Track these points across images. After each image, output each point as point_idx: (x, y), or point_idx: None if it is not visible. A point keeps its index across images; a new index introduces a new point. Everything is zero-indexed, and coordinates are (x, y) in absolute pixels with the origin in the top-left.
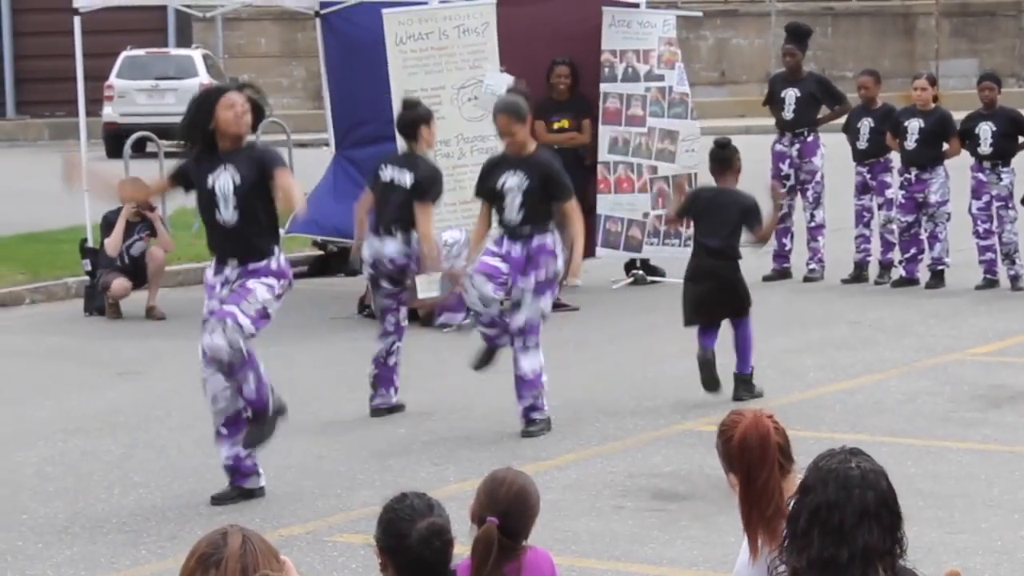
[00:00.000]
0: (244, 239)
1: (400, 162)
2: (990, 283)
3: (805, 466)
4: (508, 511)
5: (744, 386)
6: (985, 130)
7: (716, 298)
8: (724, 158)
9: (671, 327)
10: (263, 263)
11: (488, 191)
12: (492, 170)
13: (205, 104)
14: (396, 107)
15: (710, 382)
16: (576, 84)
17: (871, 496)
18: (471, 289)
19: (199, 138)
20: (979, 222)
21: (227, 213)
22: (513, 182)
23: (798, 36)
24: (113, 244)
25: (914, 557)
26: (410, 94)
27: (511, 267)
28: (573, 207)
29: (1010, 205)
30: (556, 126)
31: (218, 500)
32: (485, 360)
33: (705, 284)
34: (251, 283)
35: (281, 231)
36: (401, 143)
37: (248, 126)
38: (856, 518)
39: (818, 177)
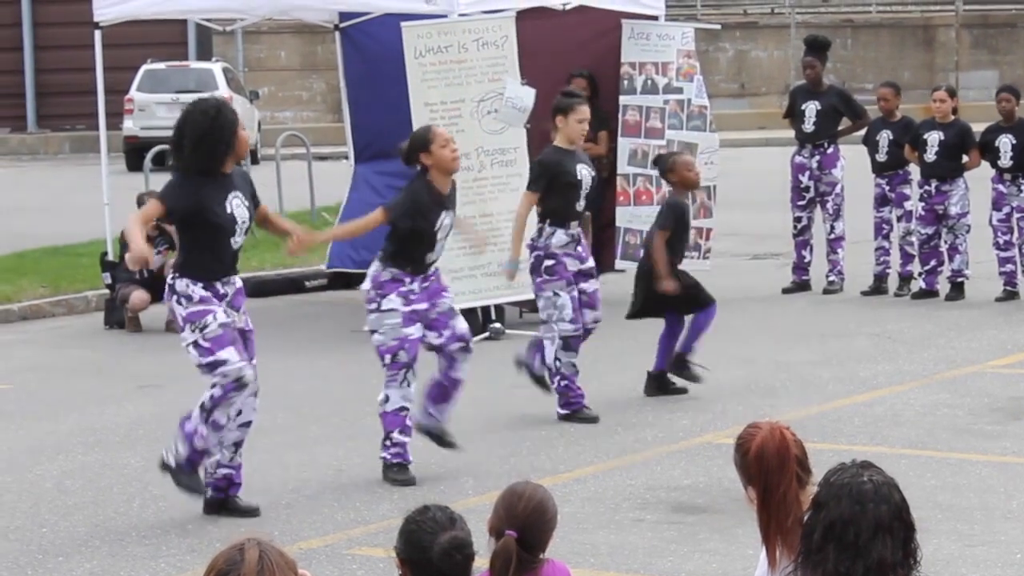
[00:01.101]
0: (237, 259)
1: None
2: (1010, 295)
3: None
4: (526, 525)
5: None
6: (1005, 142)
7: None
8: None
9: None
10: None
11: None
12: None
13: (228, 126)
14: (415, 120)
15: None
16: (595, 96)
17: (885, 510)
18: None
19: (211, 163)
20: (999, 234)
21: (239, 239)
22: None
23: (817, 48)
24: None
25: (933, 570)
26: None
27: None
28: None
29: None
30: None
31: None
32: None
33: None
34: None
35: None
36: None
37: None
38: (871, 532)
39: (838, 189)
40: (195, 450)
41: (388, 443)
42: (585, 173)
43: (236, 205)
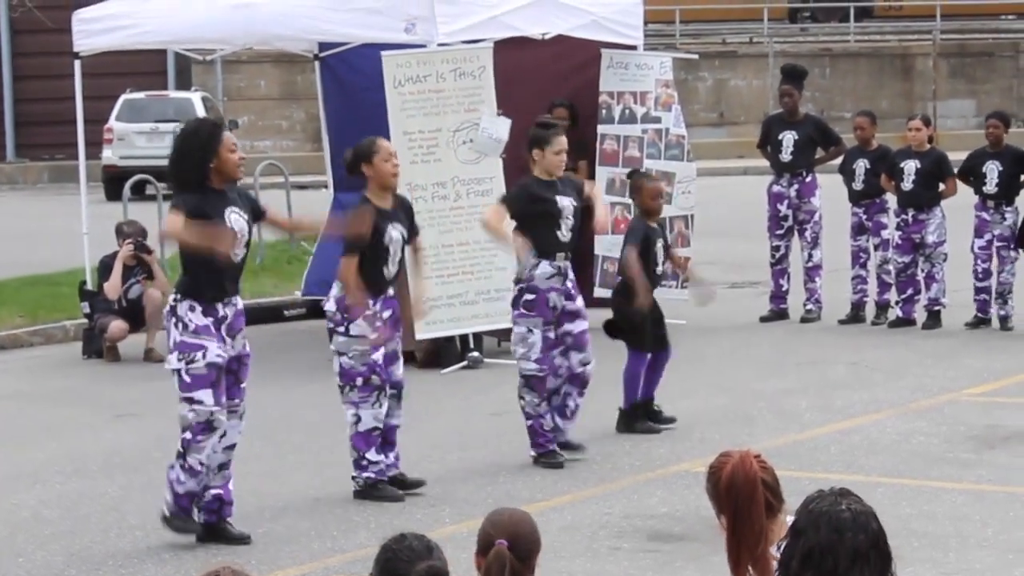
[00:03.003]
0: (239, 276)
1: None
2: (980, 321)
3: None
4: (514, 534)
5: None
6: (992, 168)
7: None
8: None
9: (668, 368)
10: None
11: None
12: None
13: (209, 141)
14: (396, 149)
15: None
16: (575, 125)
17: (862, 538)
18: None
19: (194, 175)
20: (979, 261)
21: (240, 251)
22: None
23: (795, 77)
24: (112, 287)
25: None
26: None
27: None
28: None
29: (1012, 246)
30: None
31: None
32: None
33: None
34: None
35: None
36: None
37: None
38: (849, 561)
39: (816, 217)
40: (178, 495)
41: (364, 463)
42: (567, 203)
43: (235, 219)
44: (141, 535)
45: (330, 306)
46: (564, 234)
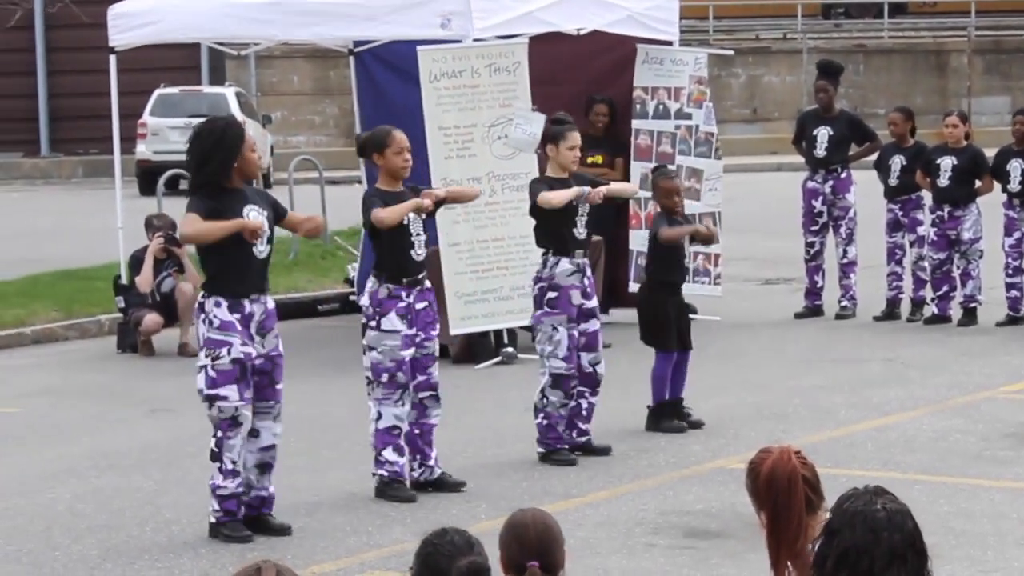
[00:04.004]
0: (266, 273)
1: None
2: (1012, 320)
3: None
4: (542, 550)
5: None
6: (1016, 167)
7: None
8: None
9: (702, 364)
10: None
11: None
12: None
13: (234, 141)
14: (430, 143)
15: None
16: (613, 123)
17: (898, 538)
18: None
19: (219, 175)
20: (1010, 259)
21: (263, 247)
22: None
23: (830, 73)
24: (144, 280)
25: None
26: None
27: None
28: None
29: None
30: (590, 160)
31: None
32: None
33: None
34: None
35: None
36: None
37: None
38: (885, 561)
39: (851, 213)
40: (223, 498)
41: (380, 459)
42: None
43: (254, 216)
44: (177, 529)
45: (364, 300)
46: (580, 231)
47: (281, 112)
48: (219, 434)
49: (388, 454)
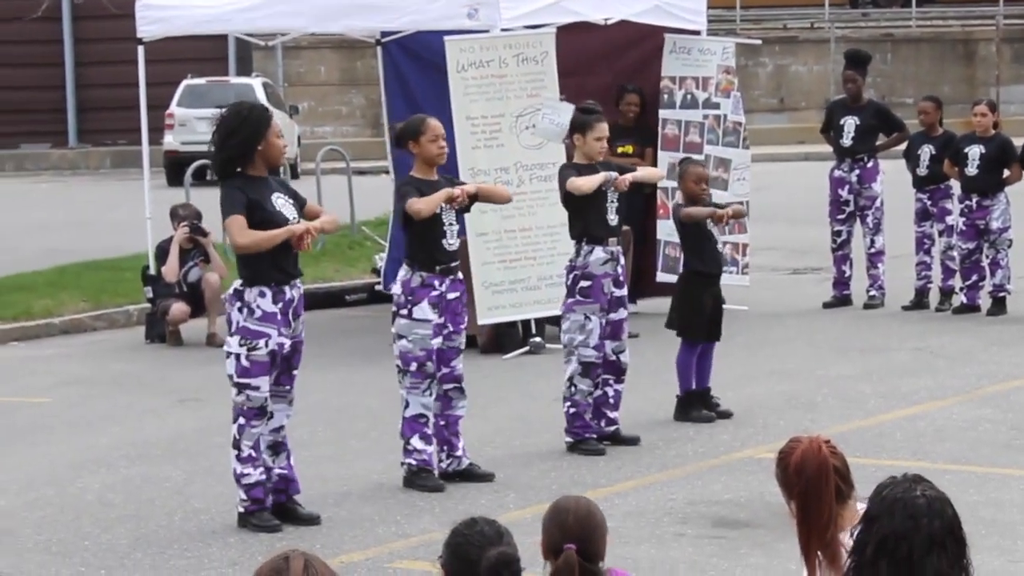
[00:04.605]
0: (297, 258)
1: None
2: None
3: (866, 494)
4: (582, 536)
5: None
6: None
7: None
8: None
9: (731, 354)
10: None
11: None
12: None
13: (259, 125)
14: (458, 133)
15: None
16: (643, 113)
17: (938, 525)
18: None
19: (240, 158)
20: None
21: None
22: None
23: (858, 62)
24: (171, 270)
25: None
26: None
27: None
28: None
29: None
30: (620, 151)
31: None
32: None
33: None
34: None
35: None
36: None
37: None
38: (925, 548)
39: (878, 203)
40: (249, 487)
41: (408, 448)
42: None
43: (281, 205)
44: (206, 519)
45: (396, 288)
46: (612, 218)
47: (308, 103)
48: (242, 421)
49: (416, 442)
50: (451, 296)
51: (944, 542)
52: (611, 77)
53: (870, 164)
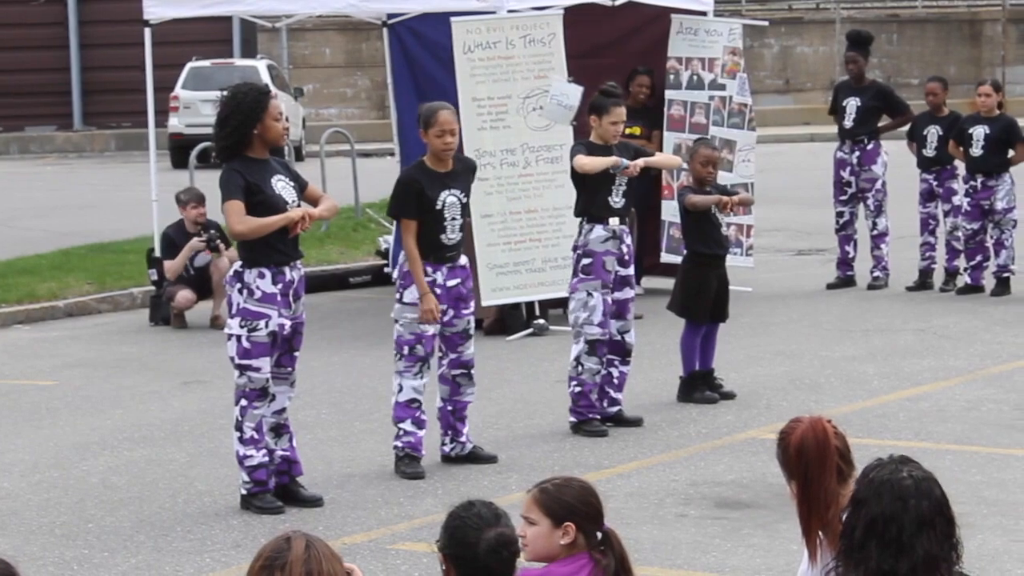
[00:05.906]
0: (297, 240)
1: None
2: None
3: None
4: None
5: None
6: None
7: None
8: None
9: (734, 335)
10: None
11: None
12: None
13: (255, 106)
14: (464, 115)
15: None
16: (654, 95)
17: (926, 505)
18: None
19: (237, 139)
20: None
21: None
22: None
23: (860, 43)
24: (173, 270)
25: (979, 565)
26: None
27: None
28: None
29: None
30: (628, 131)
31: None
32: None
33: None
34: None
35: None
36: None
37: None
38: (914, 528)
39: (879, 185)
40: (252, 469)
41: (400, 432)
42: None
43: (281, 187)
44: (209, 501)
45: (395, 273)
46: (617, 200)
47: (313, 85)
48: (244, 403)
49: (407, 426)
50: (451, 283)
51: (933, 522)
52: (624, 60)
53: (870, 146)
